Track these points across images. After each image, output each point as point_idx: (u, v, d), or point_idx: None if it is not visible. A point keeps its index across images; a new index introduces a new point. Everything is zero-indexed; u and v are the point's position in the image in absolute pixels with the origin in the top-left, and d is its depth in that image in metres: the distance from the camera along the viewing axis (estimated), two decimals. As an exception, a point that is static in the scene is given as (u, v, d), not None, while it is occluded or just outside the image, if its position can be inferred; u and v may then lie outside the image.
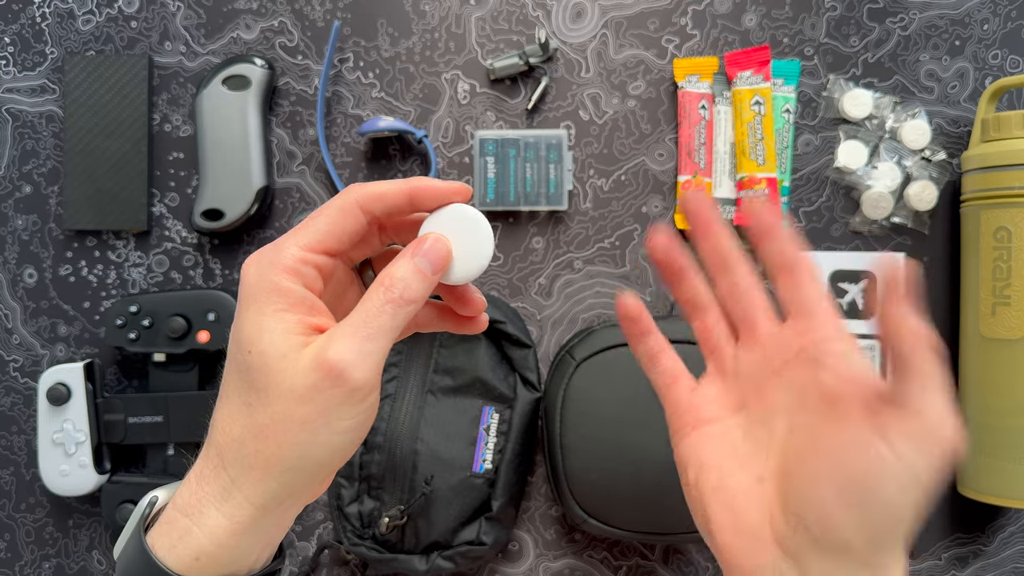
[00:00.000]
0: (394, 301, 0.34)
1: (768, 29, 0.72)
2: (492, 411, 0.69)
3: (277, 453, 0.33)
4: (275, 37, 0.73)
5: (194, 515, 0.33)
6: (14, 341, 0.73)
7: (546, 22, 0.73)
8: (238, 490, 0.33)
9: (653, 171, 0.73)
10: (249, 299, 0.34)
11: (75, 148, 0.72)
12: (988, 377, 0.65)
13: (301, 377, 0.32)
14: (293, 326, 0.33)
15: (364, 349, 0.33)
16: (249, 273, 0.34)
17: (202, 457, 0.35)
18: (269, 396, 0.33)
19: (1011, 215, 0.64)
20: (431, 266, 0.35)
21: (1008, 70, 0.71)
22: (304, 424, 0.32)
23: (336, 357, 0.32)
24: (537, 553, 0.73)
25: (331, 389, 0.32)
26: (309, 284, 0.34)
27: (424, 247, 0.35)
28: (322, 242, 0.35)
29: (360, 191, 0.35)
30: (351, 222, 0.35)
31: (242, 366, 0.33)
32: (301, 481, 0.34)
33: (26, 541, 0.73)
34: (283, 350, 0.33)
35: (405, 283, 0.34)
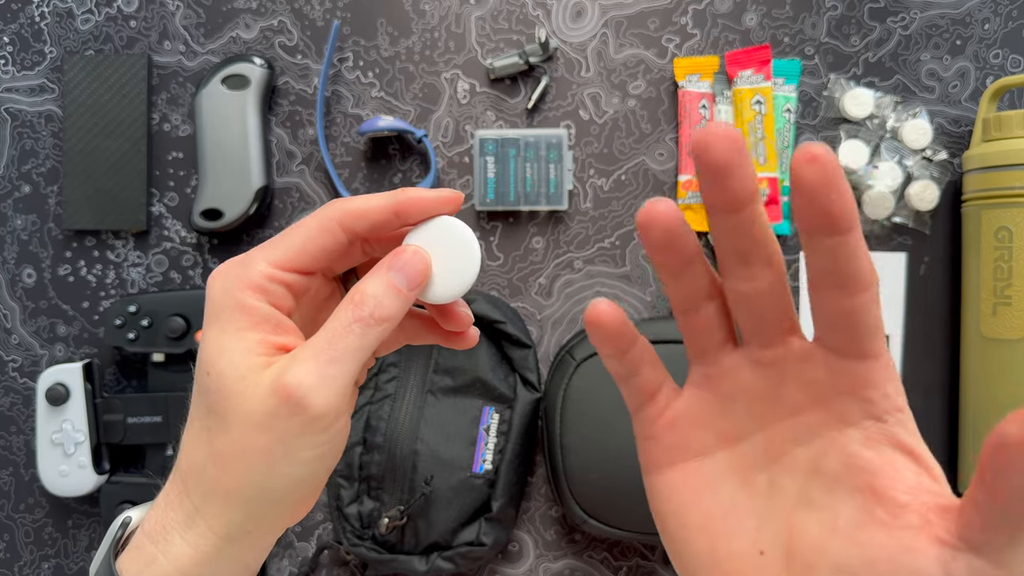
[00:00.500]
0: (363, 320, 0.31)
1: (769, 28, 0.72)
2: (492, 411, 0.69)
3: (236, 483, 0.31)
4: (274, 36, 0.73)
5: (160, 542, 0.31)
6: (13, 341, 0.73)
7: (546, 21, 0.72)
8: (202, 519, 0.31)
9: (653, 171, 0.72)
10: (212, 316, 0.32)
11: (74, 148, 0.72)
12: (989, 377, 0.65)
13: (259, 403, 0.30)
14: (254, 345, 0.31)
15: (326, 373, 0.30)
16: (214, 288, 0.32)
17: (169, 481, 0.33)
18: (227, 421, 0.30)
19: (1012, 215, 0.63)
20: (407, 282, 0.32)
21: (1009, 70, 0.71)
22: (261, 453, 0.30)
23: (295, 382, 0.29)
24: (537, 554, 0.73)
25: (289, 417, 0.30)
26: (276, 302, 0.32)
27: (400, 260, 0.32)
28: (292, 260, 0.32)
29: (341, 208, 0.33)
30: (328, 240, 0.32)
31: (202, 388, 0.32)
32: (265, 511, 0.32)
33: (25, 541, 0.73)
34: (241, 371, 0.30)
35: (377, 300, 0.31)
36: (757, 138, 0.70)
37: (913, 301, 0.72)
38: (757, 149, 0.70)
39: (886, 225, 0.71)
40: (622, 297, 0.72)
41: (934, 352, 0.72)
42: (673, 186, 0.72)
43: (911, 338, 0.72)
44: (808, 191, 0.24)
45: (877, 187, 0.71)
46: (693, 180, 0.71)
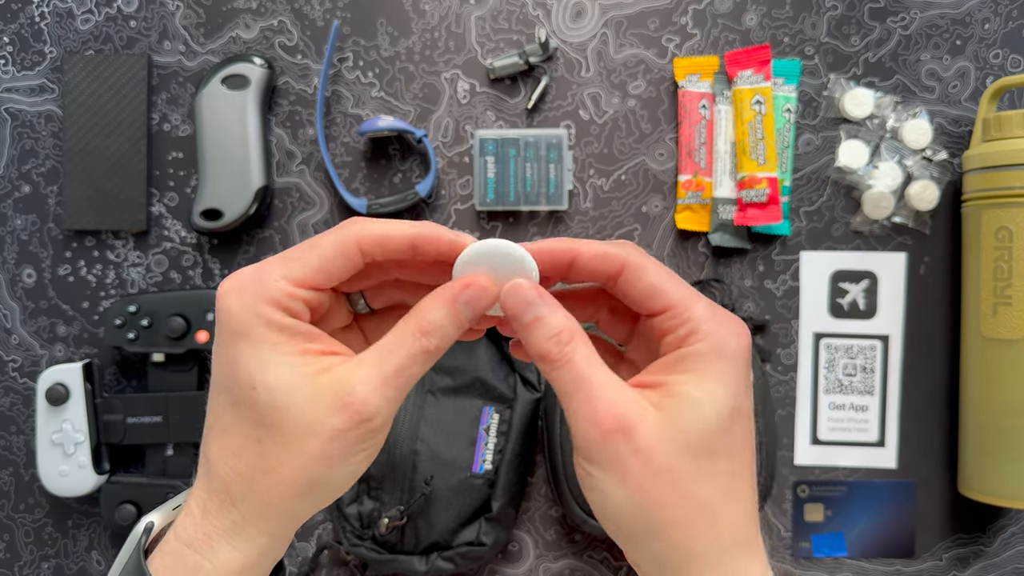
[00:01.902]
0: (429, 352, 0.32)
1: (769, 28, 0.72)
2: (492, 411, 0.69)
3: (292, 488, 0.32)
4: (274, 36, 0.73)
5: (204, 550, 0.32)
6: (13, 341, 0.73)
7: (546, 21, 0.72)
8: (251, 525, 0.32)
9: (653, 171, 0.72)
10: (238, 333, 0.32)
11: (74, 148, 0.72)
12: (989, 377, 0.65)
13: (325, 415, 0.31)
14: (296, 358, 0.32)
15: (390, 395, 0.31)
16: (231, 304, 0.32)
17: (203, 489, 0.33)
18: (284, 432, 0.31)
19: (1012, 215, 0.63)
20: (472, 315, 0.33)
21: (1009, 69, 0.71)
22: (323, 459, 0.31)
23: (362, 403, 0.31)
24: (537, 554, 0.73)
25: (354, 430, 0.31)
26: (296, 316, 0.32)
27: (471, 294, 0.32)
28: (311, 279, 0.32)
29: (361, 230, 0.33)
30: (345, 262, 0.33)
31: (244, 401, 0.32)
32: (314, 508, 0.33)
33: (25, 542, 0.73)
34: (293, 384, 0.31)
35: (443, 331, 0.32)
36: (757, 138, 0.70)
37: (913, 301, 0.72)
38: (757, 149, 0.70)
39: (886, 225, 0.71)
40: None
41: (934, 352, 0.72)
42: (673, 186, 0.72)
43: (911, 338, 0.72)
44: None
45: (877, 187, 0.71)
46: (693, 180, 0.71)
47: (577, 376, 0.31)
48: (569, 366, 0.31)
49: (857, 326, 0.72)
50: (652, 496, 0.30)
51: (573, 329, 0.32)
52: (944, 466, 0.72)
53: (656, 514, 0.30)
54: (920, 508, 0.72)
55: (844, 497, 0.72)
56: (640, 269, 0.32)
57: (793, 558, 0.72)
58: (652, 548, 0.31)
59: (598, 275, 0.33)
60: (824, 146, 0.72)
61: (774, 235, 0.72)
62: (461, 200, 0.73)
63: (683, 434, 0.30)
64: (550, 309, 0.32)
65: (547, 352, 0.31)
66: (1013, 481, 0.64)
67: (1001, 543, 0.72)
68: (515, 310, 0.32)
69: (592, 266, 0.33)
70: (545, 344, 0.31)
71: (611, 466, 0.30)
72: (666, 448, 0.30)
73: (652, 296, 0.32)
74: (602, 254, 0.33)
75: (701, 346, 0.31)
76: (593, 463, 0.30)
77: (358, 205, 0.71)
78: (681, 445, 0.30)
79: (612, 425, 0.30)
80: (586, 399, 0.30)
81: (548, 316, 0.32)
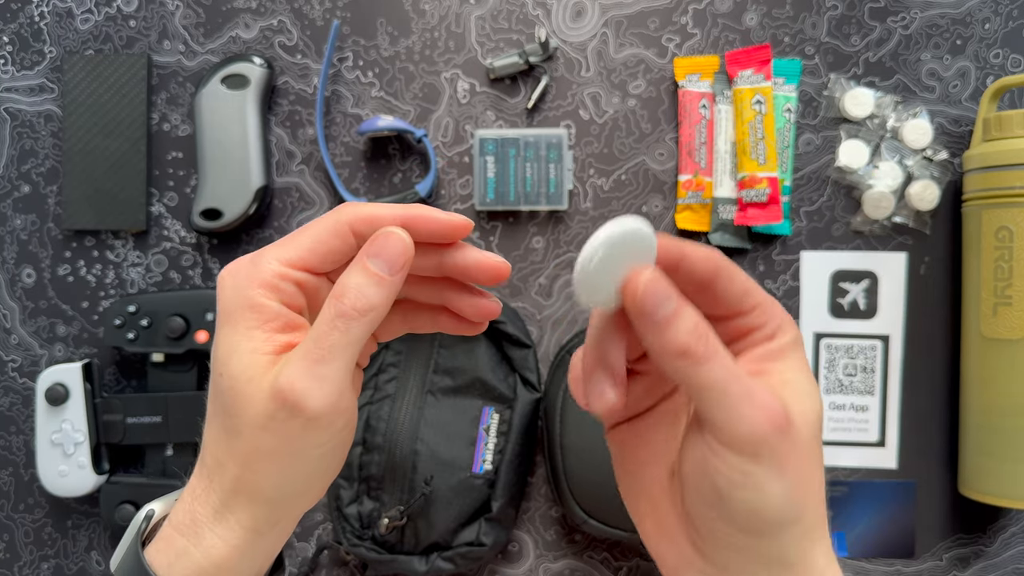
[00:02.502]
0: (345, 314, 0.30)
1: (769, 28, 0.72)
2: (492, 411, 0.69)
3: (255, 481, 0.31)
4: (274, 36, 0.73)
5: (190, 535, 0.32)
6: (12, 341, 0.73)
7: (546, 21, 0.72)
8: (230, 513, 0.32)
9: (654, 171, 0.72)
10: (225, 315, 0.32)
11: (74, 148, 0.72)
12: (989, 377, 0.65)
13: (262, 406, 0.30)
14: (260, 345, 0.31)
15: (317, 373, 0.30)
16: (225, 286, 0.32)
17: (195, 475, 0.33)
18: (239, 423, 0.31)
19: (1012, 215, 0.63)
20: (388, 267, 0.31)
21: (1009, 69, 0.71)
22: (271, 455, 0.31)
23: (287, 385, 0.30)
24: (537, 554, 0.72)
25: (288, 420, 0.30)
26: (288, 300, 0.32)
27: (376, 245, 0.31)
28: (304, 259, 0.32)
29: (353, 212, 0.32)
30: (338, 243, 0.32)
31: (217, 388, 0.32)
32: (287, 505, 0.33)
33: (25, 542, 0.73)
34: (249, 373, 0.31)
35: (358, 291, 0.31)
36: (757, 138, 0.70)
37: (913, 301, 0.72)
38: (757, 149, 0.70)
39: (886, 225, 0.71)
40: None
41: (934, 352, 0.72)
42: (673, 186, 0.72)
43: (911, 338, 0.72)
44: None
45: (877, 187, 0.71)
46: (693, 180, 0.71)
47: (729, 371, 0.29)
48: (717, 360, 0.29)
49: (857, 326, 0.72)
50: (803, 484, 0.30)
51: (706, 322, 0.29)
52: (944, 466, 0.72)
53: (803, 500, 0.30)
54: (920, 508, 0.72)
55: (844, 497, 0.72)
56: (733, 271, 0.32)
57: (793, 558, 0.72)
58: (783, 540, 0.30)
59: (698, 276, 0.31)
60: (824, 146, 0.72)
61: (774, 235, 0.72)
62: (461, 200, 0.73)
63: (808, 415, 0.30)
64: (683, 300, 0.29)
65: (690, 348, 0.29)
66: (1013, 481, 0.64)
67: (1001, 543, 0.72)
68: (651, 306, 0.29)
69: (698, 267, 0.31)
70: (686, 339, 0.29)
71: (773, 460, 0.29)
72: (806, 435, 0.30)
73: (745, 295, 0.31)
74: (707, 256, 0.31)
75: (789, 339, 0.32)
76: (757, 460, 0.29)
77: (358, 205, 0.71)
78: (810, 428, 0.30)
79: (782, 419, 0.29)
80: (747, 393, 0.29)
81: (685, 308, 0.29)
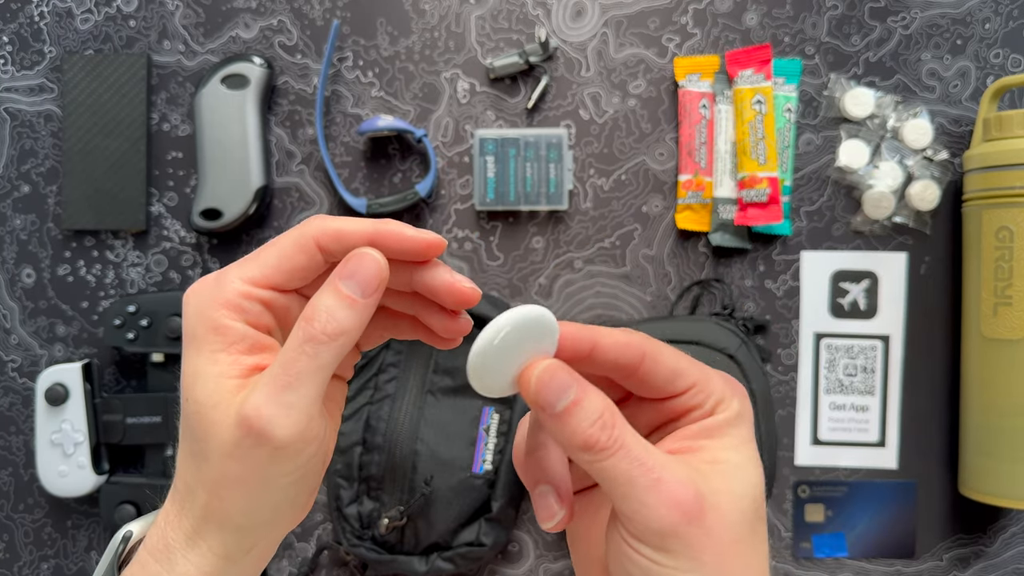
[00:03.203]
0: (314, 338, 0.29)
1: (769, 28, 0.72)
2: (492, 411, 0.69)
3: (222, 509, 0.30)
4: (274, 36, 0.73)
5: (164, 561, 0.31)
6: (12, 341, 0.73)
7: (546, 21, 0.72)
8: (201, 540, 0.31)
9: (654, 170, 0.72)
10: (188, 338, 0.31)
11: (73, 148, 0.72)
12: (989, 377, 0.65)
13: (228, 433, 0.29)
14: (226, 369, 0.30)
15: (284, 400, 0.29)
16: (189, 307, 0.31)
17: (169, 499, 0.32)
18: (206, 450, 0.30)
19: (1013, 215, 0.63)
20: (360, 289, 0.30)
21: (1010, 69, 0.71)
22: (238, 483, 0.30)
23: (254, 412, 0.28)
24: (537, 554, 0.72)
25: (255, 448, 0.29)
26: (253, 320, 0.31)
27: (350, 267, 0.30)
28: (268, 277, 0.31)
29: (319, 226, 0.31)
30: (304, 259, 0.31)
31: (184, 413, 0.31)
32: (258, 533, 0.31)
33: (24, 542, 0.73)
34: (215, 399, 0.30)
35: (328, 314, 0.29)
36: (757, 138, 0.70)
37: (914, 301, 0.72)
38: (757, 149, 0.70)
39: (887, 225, 0.71)
40: (622, 297, 0.72)
41: (935, 352, 0.72)
42: (673, 186, 0.72)
43: (912, 338, 0.72)
44: None
45: (878, 187, 0.71)
46: (693, 180, 0.71)
47: (635, 461, 0.27)
48: (623, 452, 0.27)
49: (858, 326, 0.72)
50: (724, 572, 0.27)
51: (613, 409, 0.28)
52: (945, 466, 0.72)
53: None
54: (921, 508, 0.72)
55: (845, 497, 0.72)
56: (658, 354, 0.30)
57: (794, 558, 0.72)
58: None
59: (617, 364, 0.30)
60: (825, 146, 0.72)
61: (774, 235, 0.72)
62: (461, 200, 0.73)
63: (740, 501, 0.28)
64: (585, 388, 0.28)
65: (593, 440, 0.27)
66: (1014, 481, 0.64)
67: (1002, 543, 0.72)
68: (548, 397, 0.28)
69: (612, 355, 0.29)
70: (588, 431, 0.27)
71: (685, 551, 0.27)
72: (732, 520, 0.28)
73: (676, 377, 0.30)
74: (624, 343, 0.30)
75: (727, 415, 0.30)
76: (667, 552, 0.27)
77: (358, 205, 0.71)
78: (741, 514, 0.28)
79: (692, 508, 0.27)
80: (653, 484, 0.27)
81: (587, 398, 0.28)
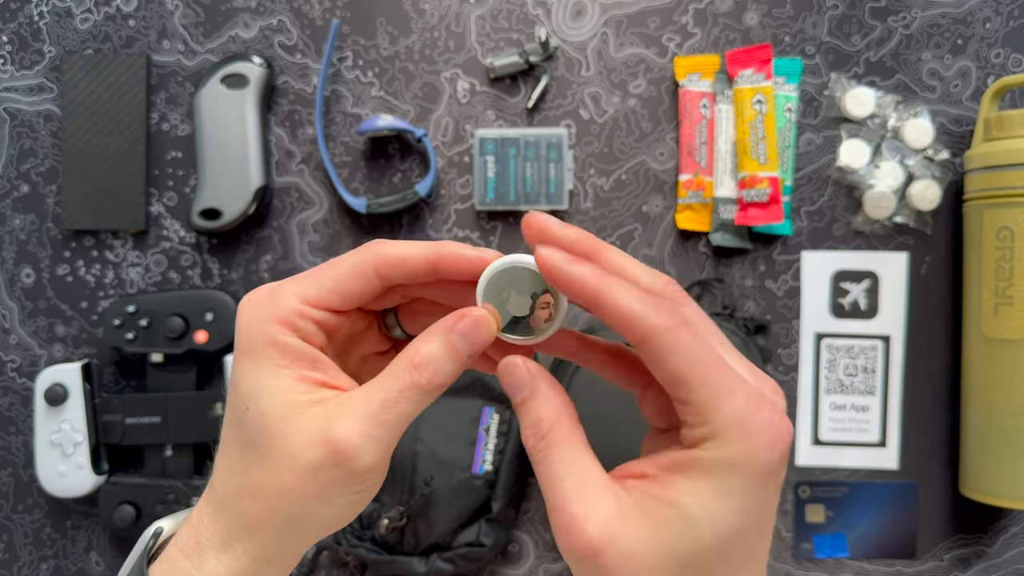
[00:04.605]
0: (420, 387, 0.30)
1: (770, 27, 0.72)
2: (492, 411, 0.69)
3: (271, 518, 0.31)
4: (274, 35, 0.73)
5: (194, 559, 0.32)
6: (12, 341, 0.73)
7: (546, 20, 0.72)
8: (236, 542, 0.31)
9: (654, 170, 0.72)
10: (245, 350, 0.31)
11: (73, 147, 0.72)
12: (990, 377, 0.65)
13: (303, 450, 0.30)
14: (292, 384, 0.31)
15: (377, 434, 0.30)
16: (243, 317, 0.32)
17: (204, 499, 0.33)
18: (268, 460, 0.30)
19: (1014, 215, 0.63)
20: (470, 349, 0.31)
21: (1011, 69, 0.71)
22: (300, 496, 0.30)
23: (344, 439, 0.29)
24: (537, 555, 0.72)
25: (333, 469, 0.30)
26: (307, 337, 0.31)
27: (466, 325, 0.31)
28: (324, 299, 0.31)
29: (379, 253, 0.32)
30: (362, 285, 0.32)
31: (241, 421, 0.31)
32: (299, 541, 0.32)
33: (24, 542, 0.73)
34: (283, 411, 0.30)
35: (437, 366, 0.30)
36: (758, 137, 0.69)
37: (914, 301, 0.72)
38: (758, 149, 0.69)
39: (887, 225, 0.71)
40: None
41: (935, 352, 0.72)
42: (673, 186, 0.72)
43: (913, 338, 0.72)
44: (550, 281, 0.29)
45: (878, 187, 0.71)
46: (693, 179, 0.71)
47: (550, 479, 0.28)
48: (544, 465, 0.28)
49: (858, 326, 0.72)
50: None
51: (554, 420, 0.29)
52: (945, 467, 0.72)
53: None
54: (921, 509, 0.72)
55: (845, 498, 0.72)
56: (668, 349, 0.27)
57: (794, 559, 0.72)
58: None
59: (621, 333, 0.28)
60: (825, 145, 0.72)
61: (775, 235, 0.72)
62: (461, 200, 0.73)
63: (667, 553, 0.27)
64: (534, 392, 0.29)
65: (525, 442, 0.30)
66: (1014, 481, 0.64)
67: (1003, 543, 0.71)
68: (508, 388, 0.30)
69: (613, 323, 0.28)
70: (523, 433, 0.30)
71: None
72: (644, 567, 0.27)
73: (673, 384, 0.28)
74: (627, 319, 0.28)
75: (715, 456, 0.27)
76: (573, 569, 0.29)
77: (357, 205, 0.71)
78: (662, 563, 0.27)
79: (585, 549, 0.27)
80: (557, 507, 0.28)
81: (529, 403, 0.29)
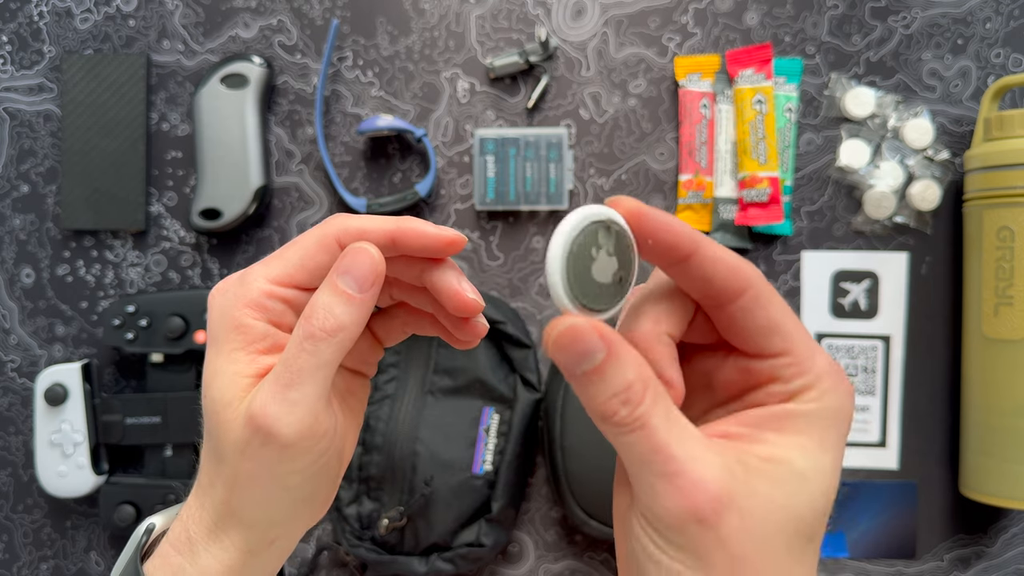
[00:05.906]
0: (313, 336, 0.29)
1: (770, 27, 0.72)
2: (492, 412, 0.69)
3: (240, 506, 0.31)
4: (274, 35, 0.73)
5: (186, 553, 0.32)
6: (11, 341, 0.73)
7: (546, 20, 0.72)
8: (223, 534, 0.31)
9: (654, 170, 0.72)
10: (212, 337, 0.32)
11: (73, 147, 0.72)
12: (991, 378, 0.65)
13: (238, 432, 0.30)
14: (243, 368, 0.30)
15: (288, 398, 0.29)
16: (213, 306, 0.32)
17: (193, 493, 0.33)
18: (221, 447, 0.30)
19: (1014, 215, 0.63)
20: (357, 284, 0.30)
21: (1011, 69, 0.71)
22: (251, 480, 0.30)
23: (259, 411, 0.29)
24: (537, 555, 0.72)
25: (263, 446, 0.29)
26: (276, 319, 0.31)
27: (345, 262, 0.30)
28: (291, 275, 0.31)
29: (340, 225, 0.31)
30: (326, 257, 0.31)
31: (204, 411, 0.32)
32: (277, 531, 0.32)
33: (24, 542, 0.73)
34: (228, 397, 0.30)
35: (326, 311, 0.29)
36: (758, 137, 0.69)
37: (915, 301, 0.72)
38: (758, 149, 0.69)
39: (887, 225, 0.71)
40: (622, 297, 0.72)
41: (936, 352, 0.72)
42: (673, 186, 0.72)
43: (913, 338, 0.72)
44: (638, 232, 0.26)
45: (878, 187, 0.71)
46: (694, 179, 0.71)
47: (655, 446, 0.24)
48: (643, 432, 0.24)
49: (858, 326, 0.72)
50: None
51: (646, 380, 0.25)
52: (945, 467, 0.72)
53: None
54: (921, 509, 0.72)
55: (845, 498, 0.72)
56: (767, 298, 0.26)
57: (794, 559, 0.72)
58: None
59: (711, 286, 0.26)
60: (825, 145, 0.72)
61: (775, 235, 0.72)
62: (461, 200, 0.73)
63: (782, 512, 0.25)
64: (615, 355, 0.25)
65: (611, 413, 0.25)
66: (1014, 481, 0.64)
67: (1003, 543, 0.71)
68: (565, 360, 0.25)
69: (710, 272, 0.26)
70: (608, 404, 0.25)
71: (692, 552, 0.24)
72: (761, 532, 0.24)
73: (772, 333, 0.26)
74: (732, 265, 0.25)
75: (816, 407, 0.25)
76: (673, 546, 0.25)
77: (357, 204, 0.71)
78: (776, 528, 0.24)
79: (704, 508, 0.24)
80: (669, 475, 0.24)
81: (612, 367, 0.24)
